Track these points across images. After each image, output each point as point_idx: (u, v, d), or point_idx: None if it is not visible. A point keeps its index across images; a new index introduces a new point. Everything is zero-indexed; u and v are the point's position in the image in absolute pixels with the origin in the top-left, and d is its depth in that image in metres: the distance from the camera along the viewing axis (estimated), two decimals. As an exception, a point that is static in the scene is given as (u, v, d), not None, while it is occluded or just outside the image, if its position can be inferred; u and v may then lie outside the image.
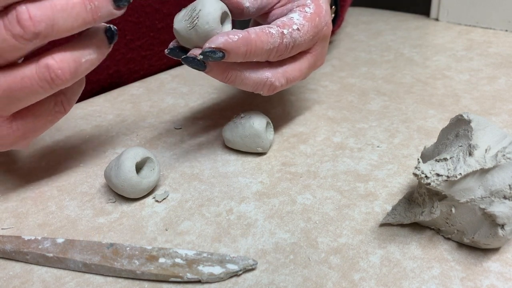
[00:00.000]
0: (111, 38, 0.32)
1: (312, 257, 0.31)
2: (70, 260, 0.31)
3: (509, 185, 0.29)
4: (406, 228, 0.33)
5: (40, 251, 0.31)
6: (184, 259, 0.30)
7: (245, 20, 0.40)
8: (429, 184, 0.29)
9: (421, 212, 0.31)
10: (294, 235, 0.33)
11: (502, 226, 0.28)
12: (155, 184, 0.37)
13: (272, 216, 0.34)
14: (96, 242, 0.32)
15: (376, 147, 0.42)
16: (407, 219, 0.32)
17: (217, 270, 0.29)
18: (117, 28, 0.32)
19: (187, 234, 0.33)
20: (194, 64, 0.34)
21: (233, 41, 0.33)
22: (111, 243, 0.32)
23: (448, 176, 0.29)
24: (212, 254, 0.31)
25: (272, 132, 0.42)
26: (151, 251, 0.31)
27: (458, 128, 0.32)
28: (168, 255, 0.31)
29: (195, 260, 0.30)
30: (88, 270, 0.31)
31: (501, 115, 0.46)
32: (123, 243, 0.32)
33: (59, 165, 0.41)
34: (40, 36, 0.28)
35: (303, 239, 0.32)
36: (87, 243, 0.32)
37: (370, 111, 0.48)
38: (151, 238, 0.33)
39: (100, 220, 0.35)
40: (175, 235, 0.33)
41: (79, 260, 0.30)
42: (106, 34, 0.31)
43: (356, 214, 0.34)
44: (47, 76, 0.29)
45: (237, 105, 0.50)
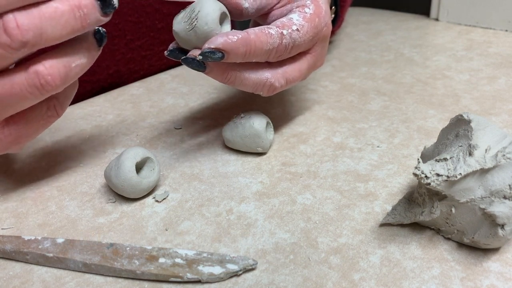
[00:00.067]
0: (100, 41, 0.31)
1: (312, 257, 0.31)
2: (70, 260, 0.31)
3: (509, 185, 0.29)
4: (406, 228, 0.33)
5: (40, 251, 0.31)
6: (184, 259, 0.30)
7: (244, 21, 0.40)
8: (429, 184, 0.29)
9: (421, 212, 0.31)
10: (294, 235, 0.33)
11: (502, 226, 0.28)
12: (155, 184, 0.37)
13: (272, 216, 0.34)
14: (96, 242, 0.32)
15: (376, 147, 0.42)
16: (407, 219, 0.32)
17: (217, 270, 0.29)
18: (105, 30, 0.31)
19: (187, 234, 0.33)
20: (194, 65, 0.34)
21: (232, 41, 0.33)
22: (111, 243, 0.32)
23: (448, 176, 0.29)
24: (212, 254, 0.31)
25: (272, 132, 0.42)
26: (151, 251, 0.31)
27: (458, 128, 0.32)
28: (168, 255, 0.31)
29: (195, 260, 0.30)
30: (88, 270, 0.31)
31: (501, 115, 0.46)
32: (123, 243, 0.32)
33: (59, 165, 0.41)
34: (28, 45, 0.27)
35: (303, 239, 0.32)
36: (87, 243, 0.32)
37: (370, 111, 0.48)
38: (151, 238, 0.33)
39: (100, 220, 0.35)
40: (175, 235, 0.33)
41: (79, 260, 0.30)
42: (95, 37, 0.31)
43: (356, 214, 0.34)
44: (37, 83, 0.29)
45: (237, 105, 0.50)
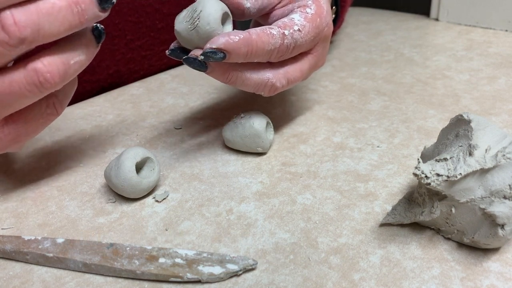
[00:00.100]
0: (98, 38, 0.31)
1: (312, 257, 0.31)
2: (70, 260, 0.31)
3: (509, 185, 0.29)
4: (406, 228, 0.33)
5: (40, 251, 0.31)
6: (184, 259, 0.30)
7: (246, 21, 0.40)
8: (429, 184, 0.29)
9: (421, 212, 0.31)
10: (294, 235, 0.33)
11: (502, 226, 0.28)
12: (155, 184, 0.37)
13: (272, 216, 0.34)
14: (96, 242, 0.32)
15: (376, 147, 0.42)
16: (407, 219, 0.32)
17: (217, 270, 0.29)
18: (103, 26, 0.31)
19: (187, 234, 0.33)
20: (195, 64, 0.34)
21: (234, 41, 0.33)
22: (111, 243, 0.32)
23: (448, 176, 0.29)
24: (212, 254, 0.31)
25: (272, 132, 0.42)
26: (151, 251, 0.31)
27: (458, 128, 0.32)
28: (168, 255, 0.31)
29: (195, 260, 0.30)
30: (88, 270, 0.31)
31: (501, 115, 0.46)
32: (123, 243, 0.32)
33: (59, 165, 0.41)
34: (26, 42, 0.27)
35: (303, 239, 0.32)
36: (87, 243, 0.32)
37: (370, 111, 0.48)
38: (151, 238, 0.33)
39: (100, 220, 0.35)
40: (175, 235, 0.33)
41: (79, 260, 0.30)
42: (94, 34, 0.31)
43: (356, 214, 0.34)
44: (36, 80, 0.28)
45: (237, 105, 0.50)
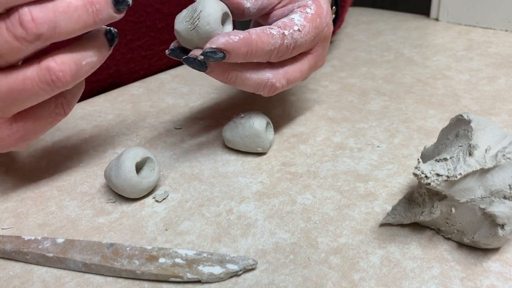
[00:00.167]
0: (111, 41, 0.32)
1: (312, 257, 0.31)
2: (70, 260, 0.31)
3: (509, 185, 0.29)
4: (406, 228, 0.33)
5: (40, 251, 0.31)
6: (184, 259, 0.30)
7: (245, 21, 0.40)
8: (429, 184, 0.29)
9: (421, 212, 0.31)
10: (294, 235, 0.33)
11: (502, 226, 0.28)
12: (155, 184, 0.37)
13: (272, 216, 0.34)
14: (96, 242, 0.32)
15: (376, 147, 0.42)
16: (407, 219, 0.32)
17: (217, 270, 0.29)
18: (117, 30, 0.32)
19: (187, 234, 0.33)
20: (195, 64, 0.34)
21: (234, 41, 0.33)
22: (111, 243, 0.32)
23: (448, 176, 0.29)
24: (212, 254, 0.31)
25: (272, 132, 0.42)
26: (151, 251, 0.31)
27: (458, 128, 0.32)
28: (168, 255, 0.31)
29: (195, 260, 0.30)
30: (88, 270, 0.31)
31: (501, 115, 0.46)
32: (123, 243, 0.32)
33: (59, 165, 0.41)
34: (42, 38, 0.28)
35: (303, 239, 0.32)
36: (87, 243, 0.32)
37: (370, 111, 0.48)
38: (151, 238, 0.33)
39: (100, 220, 0.35)
40: (175, 235, 0.33)
41: (79, 260, 0.30)
42: (107, 37, 0.32)
43: (356, 214, 0.34)
44: (48, 78, 0.29)
45: (237, 105, 0.50)
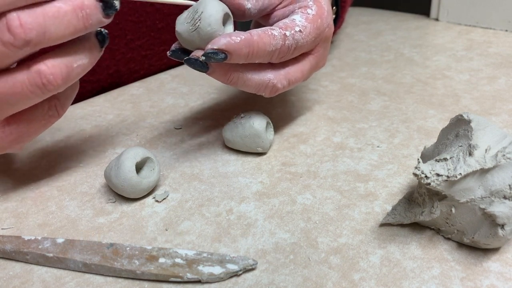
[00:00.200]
0: (102, 42, 0.31)
1: (312, 257, 0.31)
2: (70, 260, 0.31)
3: (509, 185, 0.29)
4: (406, 228, 0.33)
5: (40, 251, 0.31)
6: (184, 259, 0.30)
7: (246, 22, 0.40)
8: (429, 184, 0.29)
9: (421, 212, 0.31)
10: (294, 235, 0.33)
11: (502, 226, 0.28)
12: (155, 184, 0.37)
13: (272, 216, 0.34)
14: (96, 242, 0.32)
15: (376, 147, 0.42)
16: (407, 219, 0.32)
17: (217, 270, 0.29)
18: (107, 31, 0.32)
19: (187, 234, 0.33)
20: (196, 65, 0.34)
21: (235, 42, 0.33)
22: (111, 243, 0.32)
23: (448, 176, 0.29)
24: (212, 254, 0.31)
25: (272, 132, 0.42)
26: (151, 251, 0.31)
27: (458, 128, 0.32)
28: (168, 255, 0.31)
29: (195, 260, 0.30)
30: (88, 270, 0.31)
31: (501, 115, 0.46)
32: (123, 243, 0.32)
33: (59, 165, 0.41)
34: (31, 44, 0.27)
35: (303, 239, 0.32)
36: (87, 243, 0.32)
37: (370, 111, 0.48)
38: (151, 238, 0.33)
39: (100, 220, 0.35)
40: (175, 235, 0.33)
41: (79, 260, 0.30)
42: (98, 38, 0.31)
43: (356, 214, 0.34)
44: (39, 82, 0.29)
45: (237, 105, 0.50)
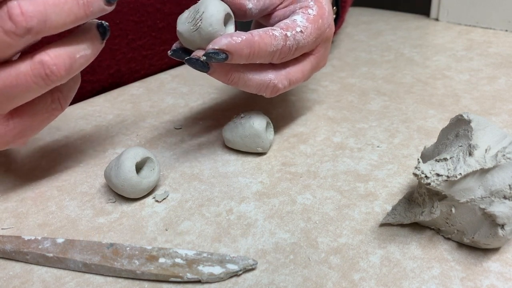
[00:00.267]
0: (103, 34, 0.31)
1: (312, 257, 0.31)
2: (70, 260, 0.31)
3: (509, 185, 0.29)
4: (406, 228, 0.33)
5: (40, 251, 0.31)
6: (184, 259, 0.30)
7: (246, 22, 0.40)
8: (429, 184, 0.29)
9: (421, 212, 0.31)
10: (294, 235, 0.33)
11: (502, 226, 0.28)
12: (155, 184, 0.37)
13: (272, 216, 0.34)
14: (96, 242, 0.32)
15: (376, 147, 0.42)
16: (407, 219, 0.32)
17: (217, 270, 0.29)
18: (108, 23, 0.32)
19: (187, 234, 0.33)
20: (197, 65, 0.34)
21: (236, 42, 0.33)
22: (111, 243, 0.32)
23: (448, 176, 0.29)
24: (212, 254, 0.31)
25: (272, 132, 0.42)
26: (151, 251, 0.31)
27: (458, 128, 0.32)
28: (168, 255, 0.31)
29: (195, 260, 0.30)
30: (88, 270, 0.31)
31: (501, 115, 0.46)
32: (123, 243, 0.32)
33: (59, 165, 0.41)
34: (32, 32, 0.27)
35: (303, 239, 0.32)
36: (87, 243, 0.32)
37: (370, 111, 0.48)
38: (151, 238, 0.33)
39: (100, 220, 0.35)
40: (175, 235, 0.33)
41: (79, 260, 0.30)
42: (99, 30, 0.31)
43: (356, 214, 0.34)
44: (42, 73, 0.29)
45: (237, 105, 0.50)
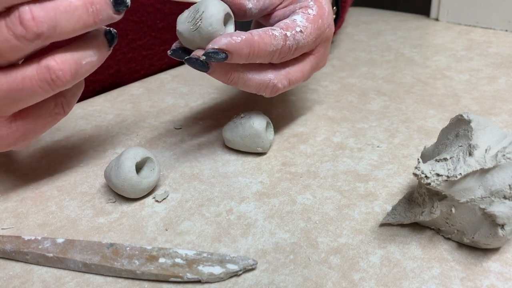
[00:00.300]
0: (111, 41, 0.32)
1: (312, 257, 0.31)
2: (70, 260, 0.31)
3: (509, 185, 0.29)
4: (406, 228, 0.33)
5: (40, 251, 0.31)
6: (184, 259, 0.30)
7: (246, 22, 0.40)
8: (429, 184, 0.29)
9: (421, 212, 0.31)
10: (294, 235, 0.33)
11: (502, 226, 0.28)
12: (155, 184, 0.37)
13: (272, 216, 0.34)
14: (96, 242, 0.32)
15: (376, 147, 0.42)
16: (407, 219, 0.32)
17: (217, 270, 0.29)
18: (116, 31, 0.32)
19: (187, 234, 0.33)
20: (197, 65, 0.34)
21: (236, 42, 0.33)
22: (111, 243, 0.32)
23: (448, 176, 0.29)
24: (212, 254, 0.31)
25: (272, 132, 0.42)
26: (151, 251, 0.31)
27: (458, 128, 0.32)
28: (168, 255, 0.31)
29: (195, 260, 0.30)
30: (88, 270, 0.31)
31: (501, 115, 0.46)
32: (123, 243, 0.32)
33: (59, 165, 0.41)
34: (42, 37, 0.28)
35: (303, 239, 0.32)
36: (87, 243, 0.32)
37: (370, 111, 0.48)
38: (151, 238, 0.33)
39: (100, 220, 0.35)
40: (175, 235, 0.33)
41: (79, 260, 0.30)
42: (106, 37, 0.32)
43: (356, 214, 0.34)
44: (48, 77, 0.29)
45: (237, 105, 0.50)
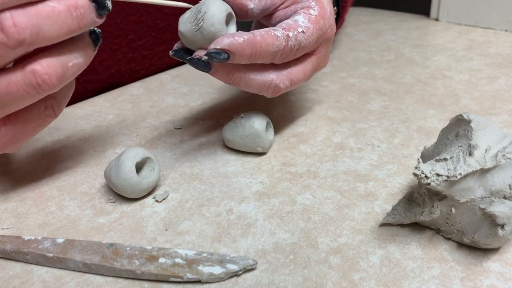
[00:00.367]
0: (96, 41, 0.31)
1: (312, 257, 0.31)
2: (70, 260, 0.31)
3: (509, 185, 0.29)
4: (406, 228, 0.33)
5: (40, 251, 0.31)
6: (184, 259, 0.30)
7: (247, 22, 0.40)
8: (429, 184, 0.29)
9: (421, 212, 0.31)
10: (294, 235, 0.33)
11: (502, 226, 0.28)
12: (155, 184, 0.37)
13: (272, 216, 0.34)
14: (96, 242, 0.32)
15: (376, 147, 0.42)
16: (407, 219, 0.32)
17: (217, 270, 0.29)
18: (101, 30, 0.31)
19: (187, 234, 0.33)
20: (199, 65, 0.34)
21: (238, 42, 0.33)
22: (111, 243, 0.32)
23: (448, 176, 0.29)
24: (212, 254, 0.31)
25: (272, 132, 0.42)
26: (151, 251, 0.31)
27: (458, 128, 0.32)
28: (168, 255, 0.31)
29: (195, 260, 0.30)
30: (88, 270, 0.31)
31: (501, 115, 0.46)
32: (123, 243, 0.32)
33: (59, 165, 0.41)
34: (25, 44, 0.27)
35: (303, 239, 0.32)
36: (87, 243, 0.32)
37: (370, 111, 0.48)
38: (151, 238, 0.33)
39: (100, 220, 0.35)
40: (175, 235, 0.33)
41: (79, 260, 0.30)
42: (91, 37, 0.31)
43: (356, 214, 0.34)
44: (34, 82, 0.28)
45: (237, 105, 0.50)
